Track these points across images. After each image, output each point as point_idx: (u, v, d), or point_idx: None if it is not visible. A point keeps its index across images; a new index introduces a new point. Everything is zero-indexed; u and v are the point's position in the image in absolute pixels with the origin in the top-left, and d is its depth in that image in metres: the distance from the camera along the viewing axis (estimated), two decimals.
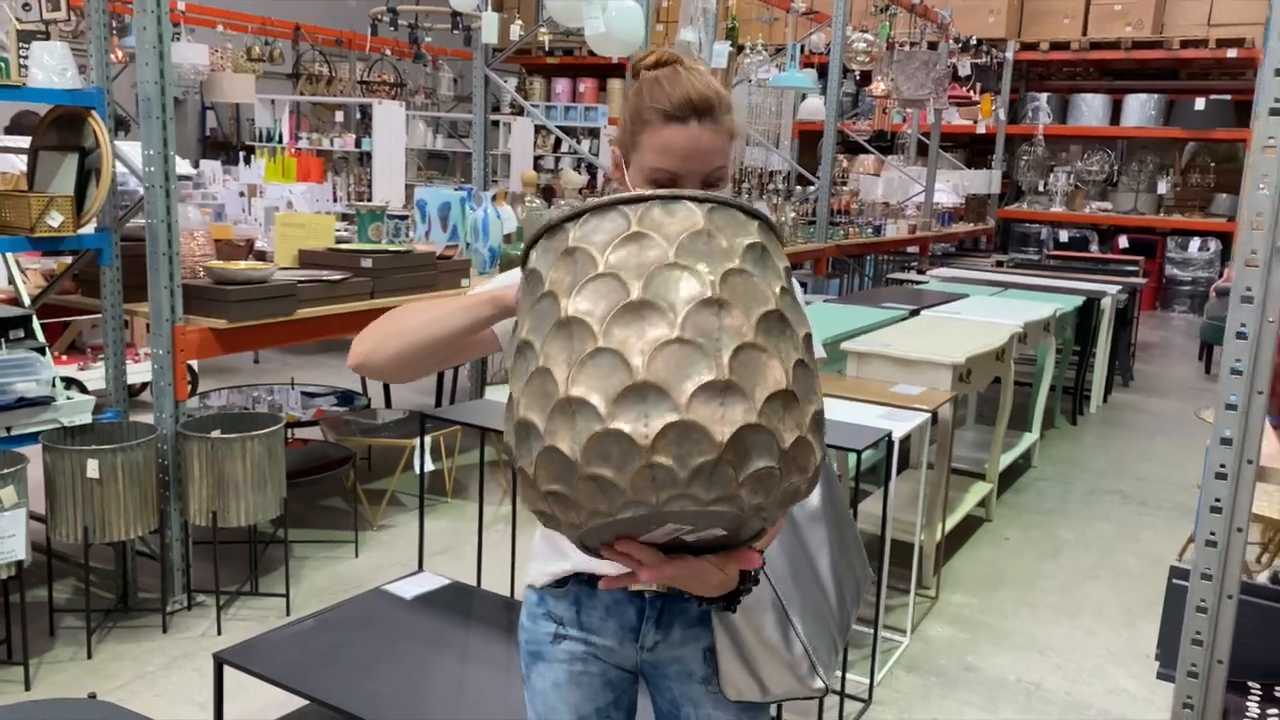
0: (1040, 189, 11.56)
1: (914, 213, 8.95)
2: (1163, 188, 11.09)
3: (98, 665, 3.01)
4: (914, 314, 4.81)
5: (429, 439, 3.44)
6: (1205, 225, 10.70)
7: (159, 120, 3.05)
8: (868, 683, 3.02)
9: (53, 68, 2.97)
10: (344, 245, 4.14)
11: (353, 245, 4.21)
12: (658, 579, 1.14)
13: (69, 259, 3.55)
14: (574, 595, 1.46)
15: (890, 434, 2.93)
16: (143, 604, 3.34)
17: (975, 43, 8.79)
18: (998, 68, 9.99)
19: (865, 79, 8.96)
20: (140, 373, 5.05)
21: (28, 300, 3.57)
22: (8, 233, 2.93)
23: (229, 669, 2.30)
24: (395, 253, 3.94)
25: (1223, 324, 1.22)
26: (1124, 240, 10.99)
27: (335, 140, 9.33)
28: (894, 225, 8.27)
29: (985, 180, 10.14)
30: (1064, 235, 11.33)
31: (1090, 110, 11.22)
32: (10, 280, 3.71)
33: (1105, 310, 6.24)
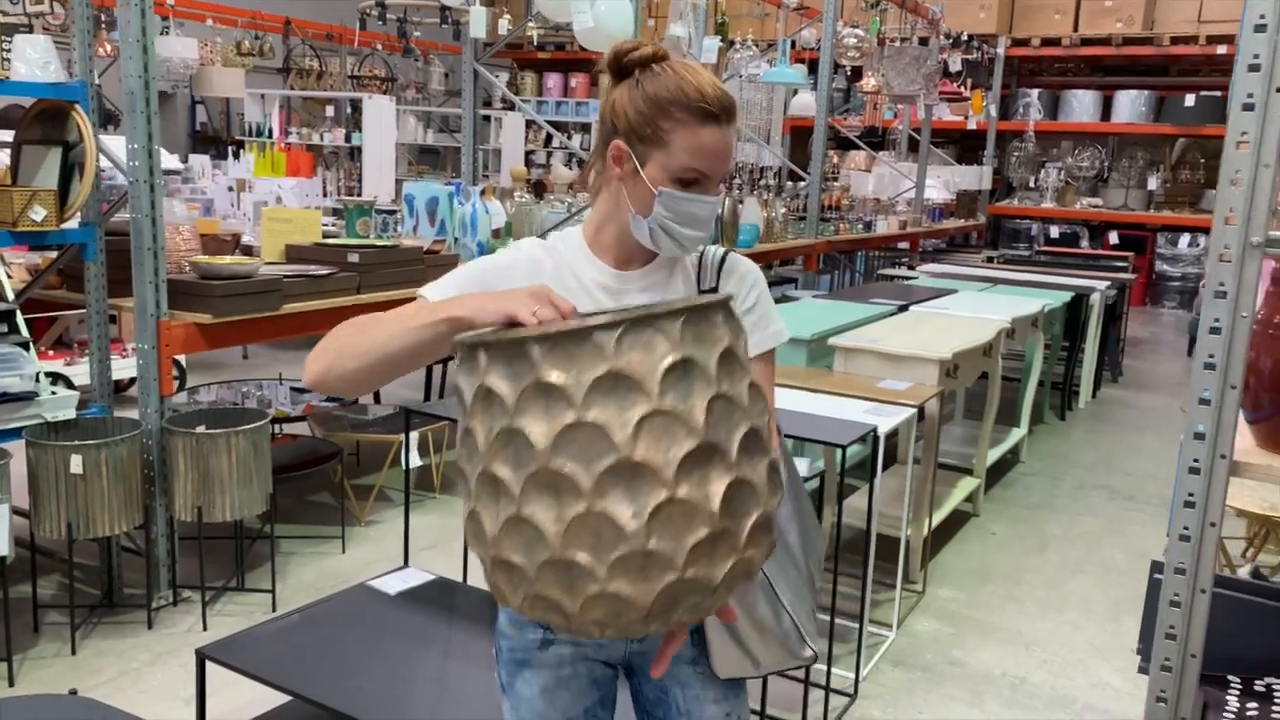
0: (1031, 185, 11.59)
1: (905, 209, 8.96)
2: (1153, 184, 11.12)
3: (82, 661, 3.00)
4: (902, 309, 4.82)
5: (416, 434, 3.43)
6: (1195, 221, 10.73)
7: (143, 114, 3.04)
8: (853, 677, 3.03)
9: (35, 61, 2.96)
10: (331, 240, 4.13)
11: (340, 240, 4.20)
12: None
13: (54, 254, 3.53)
14: None
15: (876, 429, 2.94)
16: (128, 600, 3.33)
17: (966, 38, 8.80)
18: (989, 63, 10.00)
19: (856, 74, 8.97)
20: (128, 368, 5.04)
21: (11, 295, 3.55)
22: None
23: (212, 665, 2.29)
24: (382, 247, 3.93)
25: None
26: (1114, 236, 11.02)
27: (325, 135, 9.31)
28: (884, 221, 8.27)
29: (976, 176, 10.16)
30: (1054, 231, 11.36)
31: (1081, 106, 11.24)
32: None
33: (1094, 306, 6.25)
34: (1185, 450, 1.22)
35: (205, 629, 3.19)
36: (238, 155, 7.60)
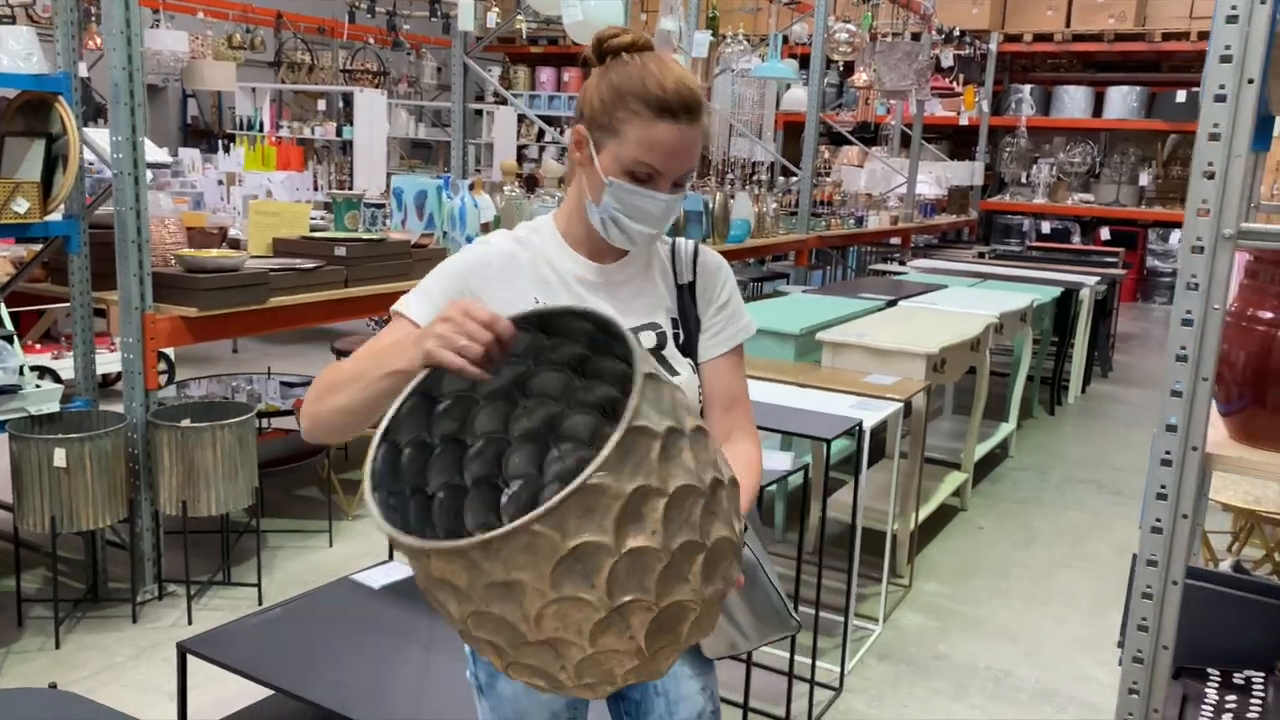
0: (1023, 181, 11.60)
1: (897, 204, 8.96)
2: (1144, 180, 11.14)
3: (66, 655, 2.99)
4: (891, 304, 4.82)
5: None
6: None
7: (126, 106, 3.02)
8: (838, 671, 3.03)
9: (18, 53, 2.94)
10: (318, 233, 4.11)
11: (327, 234, 4.18)
12: None
13: (38, 246, 3.51)
14: None
15: (861, 423, 2.94)
16: (113, 594, 3.32)
17: (958, 34, 8.79)
18: (981, 59, 10.00)
19: (849, 70, 8.98)
20: (115, 362, 5.02)
21: None
22: None
23: (194, 659, 2.29)
24: (369, 241, 3.92)
25: None
26: (1105, 232, 11.03)
27: (316, 129, 9.28)
28: (876, 217, 8.27)
29: (968, 172, 10.16)
30: (1046, 227, 11.37)
31: (1073, 102, 11.25)
32: None
33: (1084, 301, 6.26)
34: (1157, 442, 1.22)
35: (190, 623, 3.19)
36: (228, 149, 7.57)
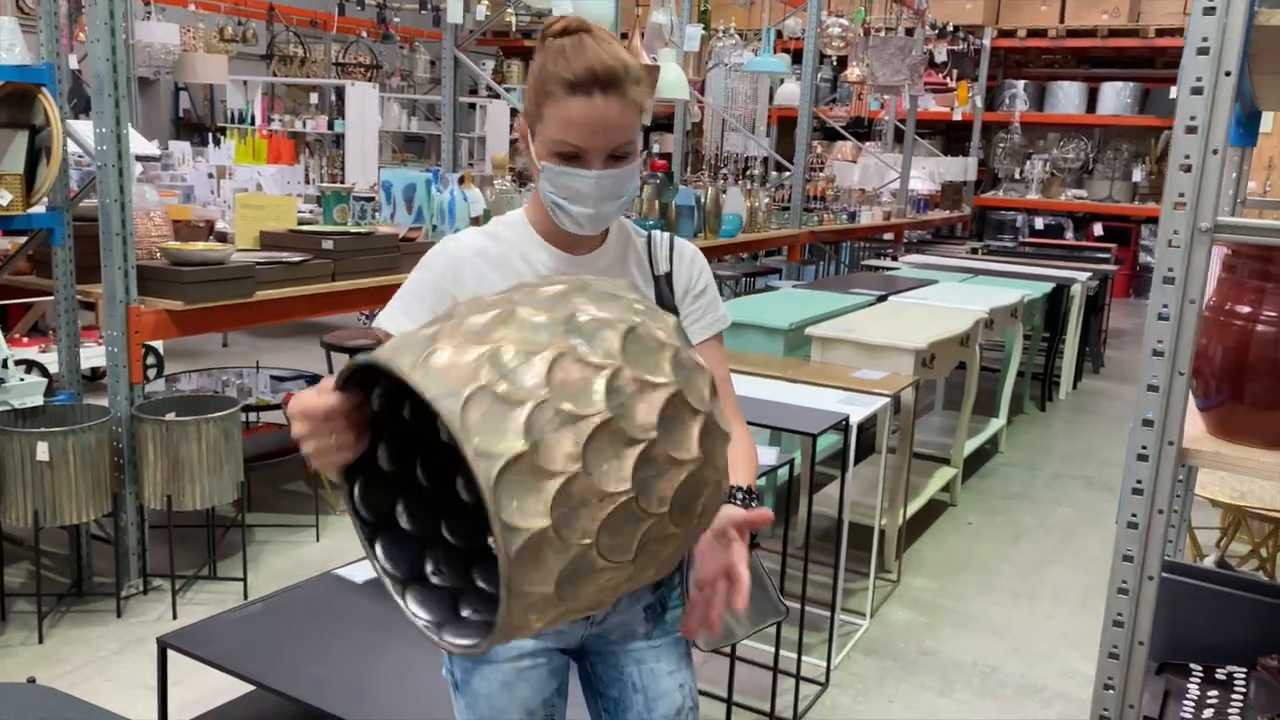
0: (1016, 176, 11.60)
1: (890, 199, 8.96)
2: (1137, 176, 11.14)
3: (49, 650, 2.98)
4: (882, 300, 4.81)
5: None
6: None
7: (111, 98, 3.01)
8: (824, 666, 3.03)
9: (1, 44, 2.92)
10: (306, 227, 4.10)
11: (315, 227, 4.17)
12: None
13: (22, 239, 3.50)
14: None
15: (848, 418, 2.93)
16: (97, 588, 3.31)
17: (952, 29, 8.79)
18: (974, 54, 9.99)
19: (842, 65, 8.96)
20: (103, 355, 5.00)
21: None
22: None
23: (178, 654, 2.27)
24: (357, 234, 3.90)
25: None
26: (1099, 228, 11.03)
27: (308, 122, 9.25)
28: (869, 212, 8.27)
29: (961, 167, 10.16)
30: (1039, 222, 11.37)
31: (1067, 98, 11.25)
32: None
33: (1075, 297, 6.26)
34: (1134, 437, 1.22)
35: (175, 617, 3.18)
36: (218, 142, 7.54)
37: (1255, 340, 1.32)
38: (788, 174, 7.50)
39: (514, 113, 10.18)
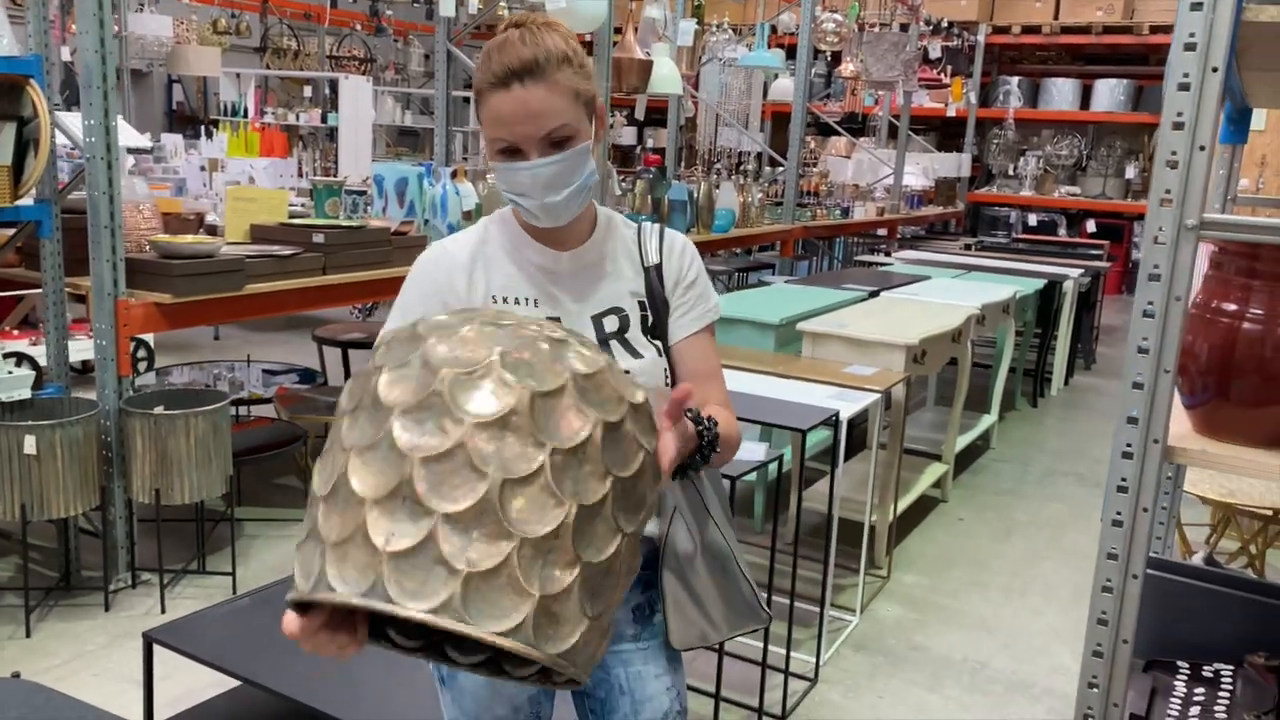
0: (1010, 173, 11.60)
1: (884, 195, 8.96)
2: (1131, 173, 11.15)
3: (37, 644, 2.97)
4: (873, 295, 4.81)
5: None
6: None
7: (99, 89, 2.99)
8: (814, 661, 3.03)
9: None
10: (296, 220, 4.08)
11: (306, 220, 4.15)
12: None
13: (10, 231, 3.48)
14: None
15: (838, 413, 2.93)
16: (85, 582, 3.30)
17: (946, 25, 8.78)
18: (969, 51, 9.99)
19: (836, 60, 8.94)
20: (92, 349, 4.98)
21: None
22: None
23: (164, 649, 2.27)
24: (348, 228, 3.89)
25: None
26: (1092, 225, 11.04)
27: (301, 115, 9.22)
28: (863, 208, 8.27)
29: (955, 163, 10.16)
30: (1033, 219, 11.38)
31: (1060, 95, 11.25)
32: None
33: (1067, 293, 6.27)
34: (1118, 435, 1.21)
35: (164, 612, 3.17)
36: (210, 135, 7.51)
37: (1241, 338, 1.32)
38: (781, 169, 7.49)
39: None
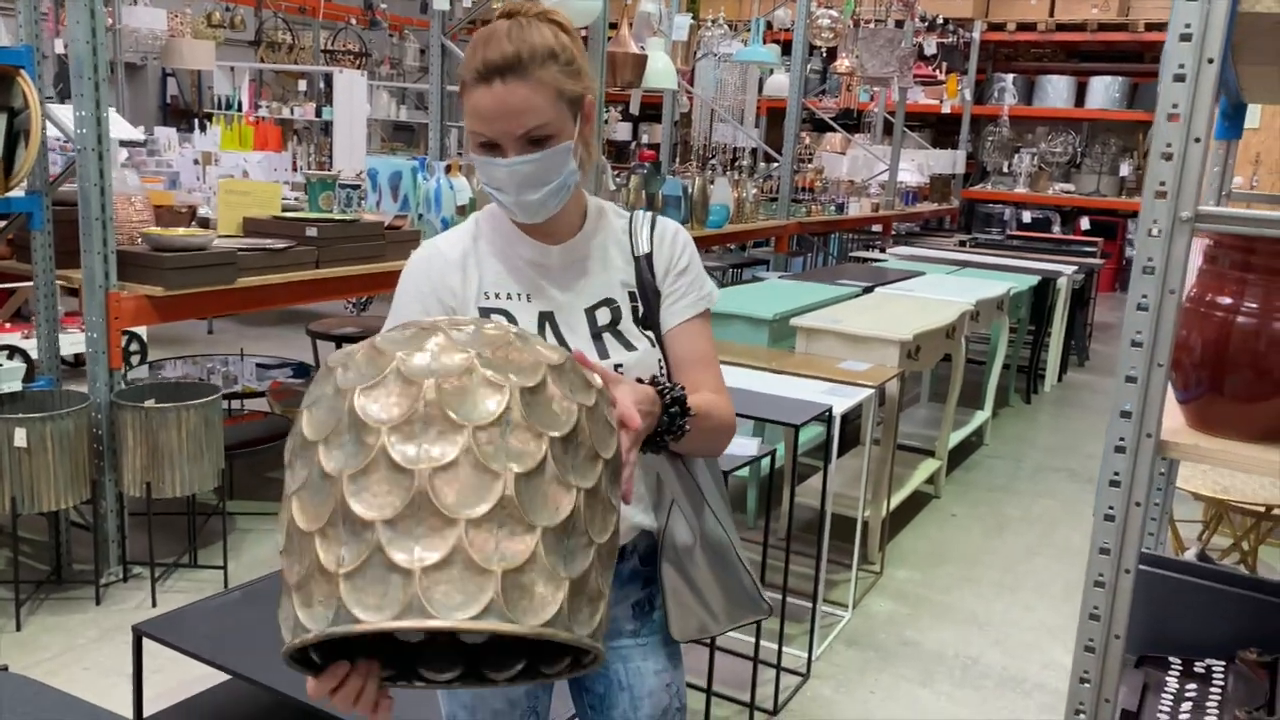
0: (1005, 170, 11.60)
1: (878, 191, 8.95)
2: (1125, 170, 11.16)
3: (27, 637, 2.96)
4: (868, 291, 4.81)
5: None
6: None
7: (90, 80, 2.97)
8: (806, 656, 3.03)
9: None
10: (290, 213, 4.07)
11: (300, 214, 4.13)
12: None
13: (2, 223, 3.46)
14: None
15: (831, 409, 2.93)
16: (76, 576, 3.29)
17: (941, 21, 8.77)
18: (964, 47, 9.98)
19: (831, 56, 8.94)
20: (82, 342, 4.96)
21: None
22: None
23: (154, 642, 2.26)
24: (341, 221, 3.88)
25: None
26: (1086, 222, 11.05)
27: (296, 109, 9.18)
28: (857, 204, 8.26)
29: (950, 160, 10.16)
30: (1027, 216, 11.38)
31: (1055, 92, 11.25)
32: None
33: (1061, 290, 6.27)
34: (1111, 429, 1.21)
35: (155, 605, 3.16)
36: (204, 128, 7.48)
37: (1236, 332, 1.31)
38: (776, 165, 7.48)
39: None
